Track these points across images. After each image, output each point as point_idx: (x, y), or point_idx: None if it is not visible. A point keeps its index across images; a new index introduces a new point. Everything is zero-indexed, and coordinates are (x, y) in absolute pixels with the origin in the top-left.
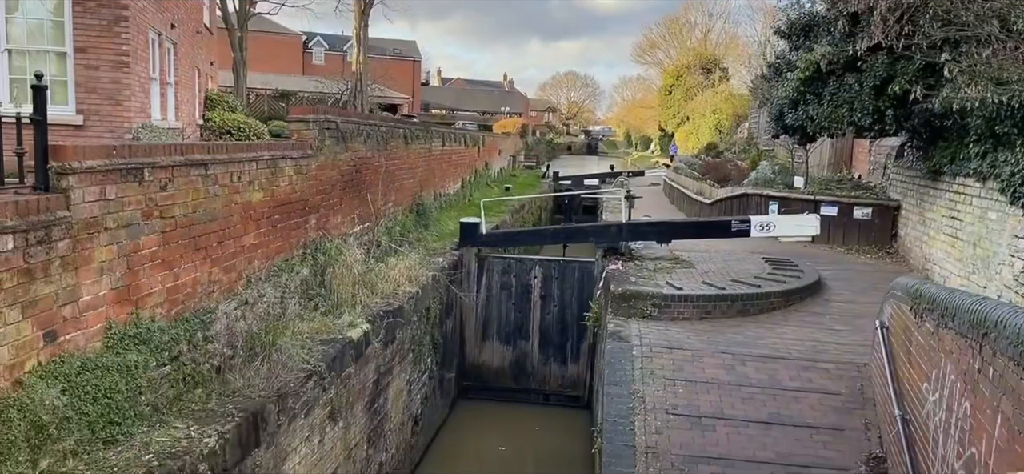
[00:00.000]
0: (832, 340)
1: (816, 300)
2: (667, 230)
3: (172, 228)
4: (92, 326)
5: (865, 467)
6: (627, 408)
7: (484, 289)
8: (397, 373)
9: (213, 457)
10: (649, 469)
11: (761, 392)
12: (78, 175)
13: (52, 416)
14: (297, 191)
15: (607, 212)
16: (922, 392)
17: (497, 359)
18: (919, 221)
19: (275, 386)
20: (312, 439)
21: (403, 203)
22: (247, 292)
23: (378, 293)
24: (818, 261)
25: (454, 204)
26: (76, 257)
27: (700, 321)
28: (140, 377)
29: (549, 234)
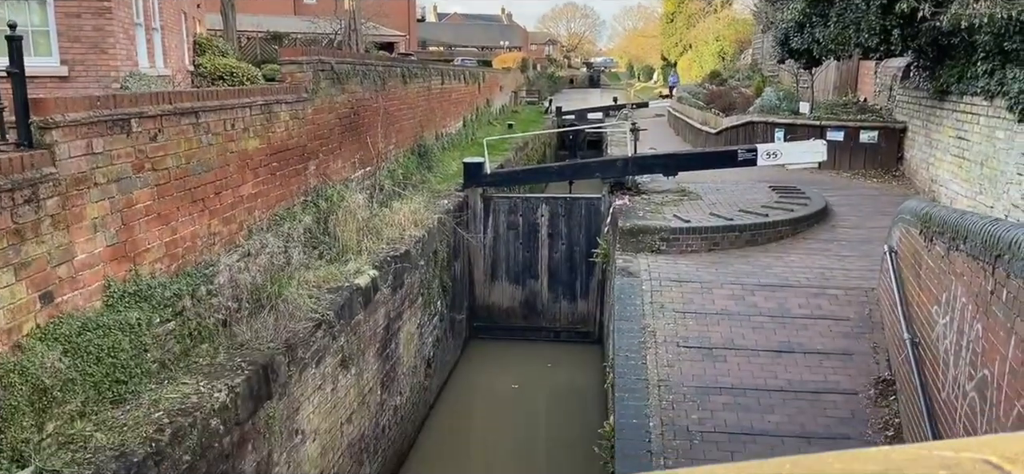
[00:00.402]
0: (840, 266)
1: (823, 227)
2: (673, 162)
3: (165, 180)
4: (90, 285)
5: (874, 390)
6: (638, 342)
7: (491, 230)
8: (407, 318)
9: (225, 411)
10: (662, 401)
11: (771, 321)
12: (62, 129)
13: (55, 379)
14: (294, 137)
15: (612, 146)
16: (932, 315)
17: (507, 299)
18: (925, 142)
19: (283, 337)
20: (325, 388)
21: (404, 145)
22: (249, 243)
23: (383, 238)
24: (825, 187)
25: (456, 144)
26: (67, 215)
27: (708, 253)
28: (144, 335)
29: (554, 171)
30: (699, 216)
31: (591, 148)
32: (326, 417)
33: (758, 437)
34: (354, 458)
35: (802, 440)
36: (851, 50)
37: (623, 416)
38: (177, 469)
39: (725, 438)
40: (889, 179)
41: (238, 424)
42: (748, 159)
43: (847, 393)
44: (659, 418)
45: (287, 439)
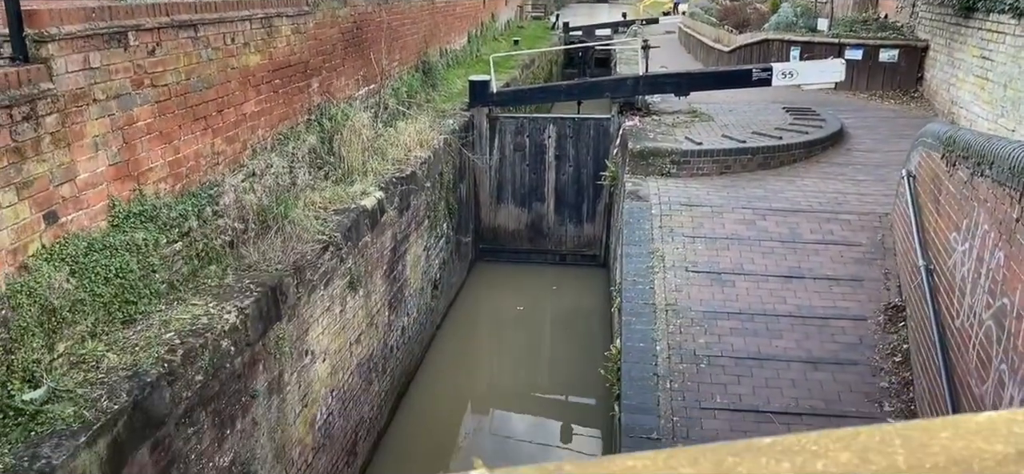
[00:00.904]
0: (854, 191)
1: (838, 150)
2: (685, 82)
3: (166, 97)
4: (94, 205)
5: (883, 316)
6: (646, 267)
7: (497, 151)
8: (414, 240)
9: (235, 333)
10: (669, 325)
11: (781, 246)
12: (58, 42)
13: (63, 299)
14: (296, 52)
15: (621, 64)
16: (950, 242)
17: (512, 222)
18: (947, 62)
19: (291, 259)
20: (333, 309)
21: (408, 62)
22: (253, 163)
23: (389, 159)
24: (841, 109)
25: (461, 61)
26: (67, 132)
27: (720, 176)
28: (151, 255)
29: (562, 90)
30: (711, 138)
31: (599, 66)
32: (335, 337)
33: (765, 361)
34: (363, 377)
35: (808, 365)
36: None
37: (630, 339)
38: (190, 389)
39: (732, 362)
40: (907, 101)
41: (249, 345)
42: (763, 79)
43: (856, 319)
44: (666, 342)
45: (297, 359)
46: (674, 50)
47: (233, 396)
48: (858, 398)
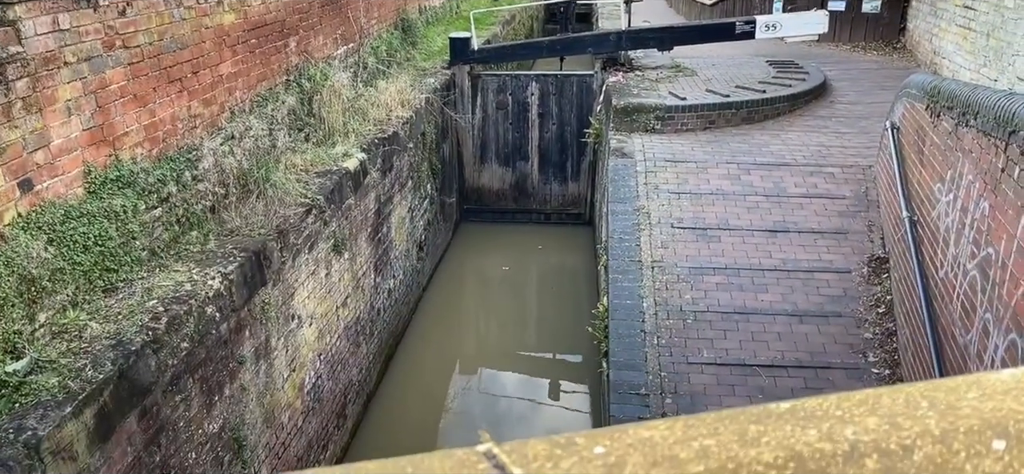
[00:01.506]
0: (838, 144)
1: (821, 103)
2: (668, 36)
3: (139, 59)
4: (69, 171)
5: (867, 268)
6: (632, 224)
7: (479, 109)
8: (398, 201)
9: (219, 299)
10: (655, 282)
11: (766, 200)
12: (25, 4)
13: (42, 268)
14: (272, 11)
15: (603, 19)
16: (934, 193)
17: (497, 181)
18: (930, 12)
19: (274, 223)
20: (318, 273)
21: (387, 19)
22: (232, 126)
23: (370, 120)
24: (824, 61)
25: (441, 18)
26: (38, 97)
27: (704, 131)
28: (131, 222)
29: (545, 46)
30: (695, 93)
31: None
32: (321, 302)
33: (751, 316)
34: (351, 340)
35: (794, 318)
36: None
37: (617, 296)
38: (176, 356)
39: (718, 317)
40: (890, 52)
41: (234, 311)
42: (746, 32)
43: (840, 272)
44: (652, 298)
45: (284, 324)
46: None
47: (220, 362)
48: (842, 349)
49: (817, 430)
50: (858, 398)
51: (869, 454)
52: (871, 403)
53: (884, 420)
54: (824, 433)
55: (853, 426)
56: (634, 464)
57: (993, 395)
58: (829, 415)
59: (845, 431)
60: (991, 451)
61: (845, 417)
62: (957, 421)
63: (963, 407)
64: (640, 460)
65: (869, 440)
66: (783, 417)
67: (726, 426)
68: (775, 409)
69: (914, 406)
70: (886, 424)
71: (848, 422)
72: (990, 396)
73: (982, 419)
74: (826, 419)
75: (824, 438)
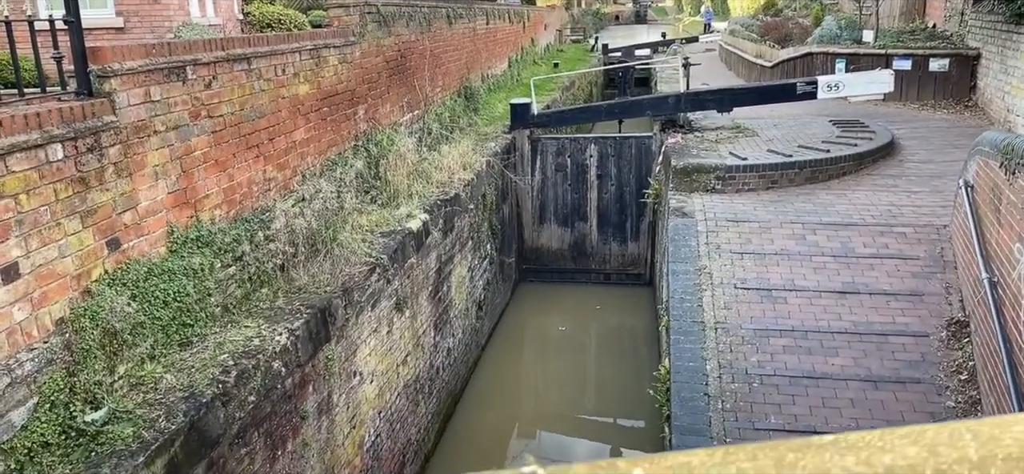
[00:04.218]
0: (909, 203)
1: (890, 162)
2: (728, 97)
3: (221, 127)
4: (154, 231)
5: (946, 332)
6: (693, 284)
7: (539, 172)
8: (458, 261)
9: (286, 354)
10: (719, 344)
11: (834, 261)
12: (120, 77)
13: (124, 323)
14: (343, 81)
15: (662, 83)
16: (1013, 253)
17: (556, 241)
18: (1001, 70)
19: (339, 281)
20: (380, 330)
21: (450, 87)
22: (303, 188)
23: (433, 182)
24: (891, 120)
25: (502, 85)
26: (129, 163)
27: (766, 191)
28: (207, 279)
29: (603, 110)
30: (756, 153)
31: (639, 85)
32: (382, 359)
33: (821, 380)
34: (410, 398)
35: (868, 383)
36: None
37: (679, 358)
38: (243, 409)
39: (785, 381)
40: (961, 110)
41: (299, 366)
42: (808, 92)
43: (917, 335)
44: (716, 360)
45: (346, 380)
46: (715, 67)
47: (284, 416)
48: (923, 418)
49: (855, 457)
50: (902, 432)
51: None
52: (914, 436)
53: (924, 449)
54: (862, 460)
55: (892, 454)
56: None
57: None
58: (870, 446)
59: (883, 458)
60: None
61: (885, 447)
62: (997, 450)
63: (1006, 438)
64: None
65: (905, 465)
66: (824, 447)
67: (765, 454)
68: (816, 441)
69: (957, 437)
70: (925, 452)
71: (887, 451)
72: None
73: (1023, 448)
74: (866, 449)
75: (861, 464)
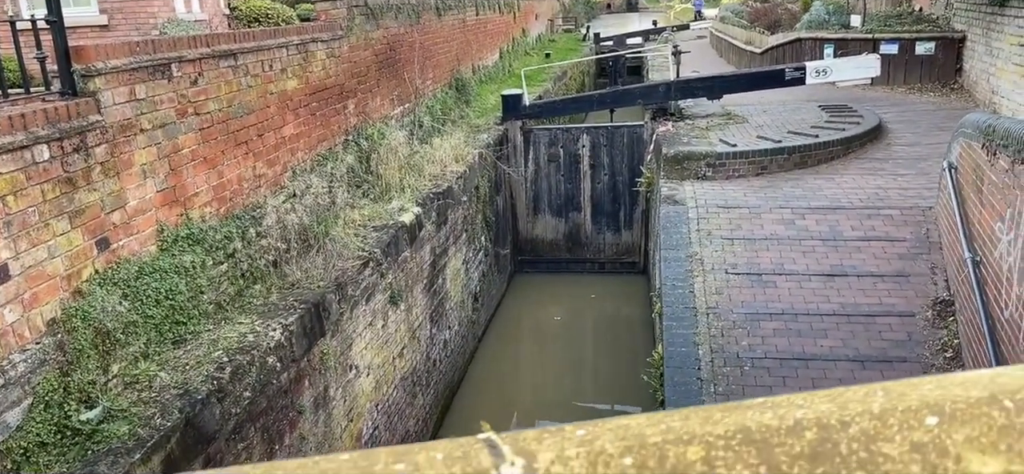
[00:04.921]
0: (895, 185)
1: (877, 145)
2: (717, 85)
3: (209, 124)
4: (144, 230)
5: (931, 311)
6: (685, 270)
7: (532, 163)
8: (453, 253)
9: (280, 349)
10: (711, 328)
11: (822, 245)
12: (105, 76)
13: (116, 322)
14: (331, 76)
15: (653, 71)
16: (995, 232)
17: (550, 232)
18: (986, 52)
19: (333, 276)
20: (375, 324)
21: (441, 80)
22: (294, 184)
23: (425, 175)
24: (878, 104)
25: (494, 76)
26: (116, 162)
27: (756, 177)
28: (199, 277)
29: (595, 100)
30: (746, 139)
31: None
32: (378, 352)
33: (810, 362)
34: (407, 391)
35: (856, 363)
36: None
37: (672, 344)
38: (239, 405)
39: (776, 364)
40: (947, 92)
41: (294, 361)
42: (796, 78)
43: (903, 315)
44: (708, 345)
45: (342, 374)
46: (706, 54)
47: (280, 411)
48: None
49: (773, 414)
50: (825, 393)
51: (810, 427)
52: (834, 396)
53: (835, 405)
54: (778, 415)
55: (806, 410)
56: (605, 439)
57: (946, 386)
58: (791, 404)
59: (796, 412)
60: (923, 425)
61: (803, 405)
62: (899, 403)
63: (912, 394)
64: (611, 437)
65: (813, 417)
66: (750, 407)
67: (697, 414)
68: (746, 403)
69: (870, 395)
70: (835, 407)
71: (803, 407)
72: (942, 386)
73: (922, 401)
74: (786, 407)
75: (775, 418)
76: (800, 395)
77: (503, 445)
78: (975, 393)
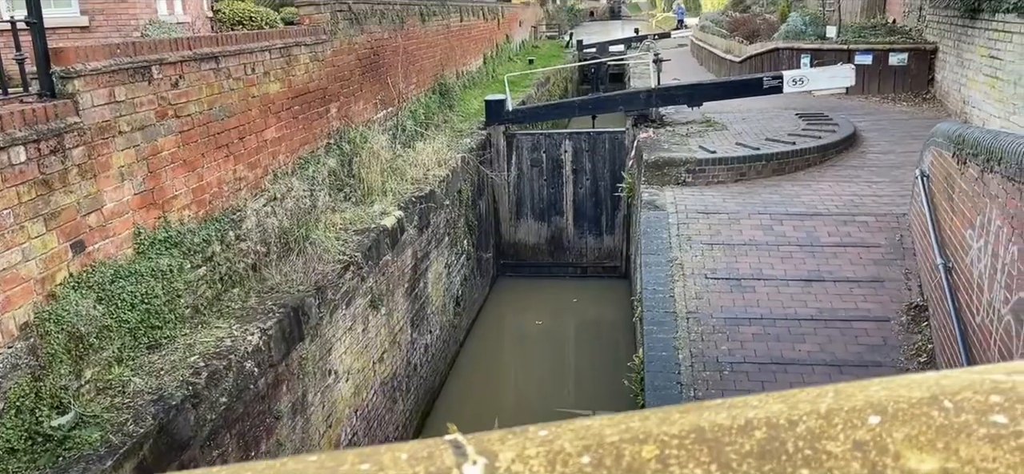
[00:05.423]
0: (870, 192)
1: (852, 153)
2: (697, 93)
3: (189, 127)
4: (120, 233)
5: (906, 316)
6: (666, 275)
7: (515, 167)
8: (434, 257)
9: (258, 354)
10: (691, 333)
11: (800, 250)
12: (84, 78)
13: (90, 326)
14: (314, 79)
15: (635, 78)
16: (966, 239)
17: (532, 236)
18: (957, 63)
19: (313, 279)
20: (355, 328)
21: (425, 84)
22: (275, 187)
23: (408, 179)
24: (853, 113)
25: (477, 82)
26: (93, 164)
27: (735, 183)
28: (176, 280)
29: (577, 106)
30: (725, 146)
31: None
32: (358, 357)
33: (789, 366)
34: (387, 396)
35: (833, 368)
36: None
37: (652, 348)
38: (214, 410)
39: (755, 368)
40: (919, 102)
41: (272, 366)
42: (774, 86)
43: (879, 320)
44: (688, 350)
45: (321, 379)
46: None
47: (257, 417)
48: None
49: (727, 414)
50: (778, 395)
51: (760, 427)
52: (786, 397)
53: (786, 405)
54: (731, 415)
55: (758, 409)
56: (565, 439)
57: (893, 387)
58: (746, 405)
59: (748, 413)
60: (866, 424)
61: (758, 406)
62: (845, 402)
63: (859, 395)
64: (571, 437)
65: (764, 417)
66: (708, 408)
67: (656, 415)
68: (706, 404)
69: (821, 396)
70: (786, 407)
71: (756, 407)
72: (889, 387)
73: (867, 401)
74: (741, 407)
75: (729, 418)
76: (755, 396)
77: (467, 445)
78: (918, 394)
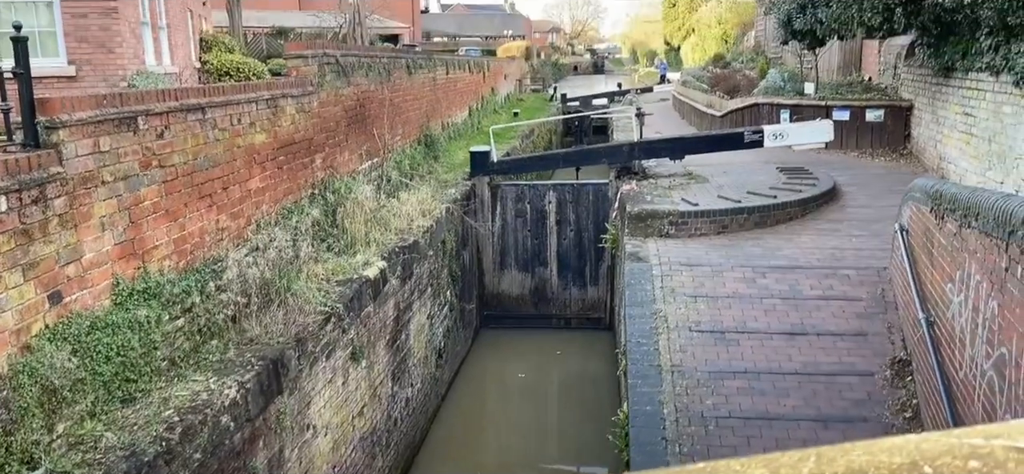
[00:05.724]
0: (851, 246)
1: (832, 207)
2: (680, 146)
3: (173, 177)
4: (98, 284)
5: (890, 371)
6: (650, 328)
7: (499, 218)
8: (417, 308)
9: (235, 408)
10: (675, 387)
11: (783, 303)
12: (69, 128)
13: (64, 379)
14: (300, 130)
15: (618, 131)
16: (946, 293)
17: (516, 287)
18: (932, 120)
19: (293, 331)
20: (335, 381)
21: (410, 135)
22: (257, 237)
23: (392, 229)
24: (833, 167)
25: (463, 133)
26: (75, 214)
27: (718, 235)
28: (153, 332)
29: (561, 158)
30: (707, 199)
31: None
32: (337, 411)
33: (774, 421)
34: (366, 451)
35: (818, 423)
36: (854, 29)
37: (637, 403)
38: (188, 468)
39: (740, 423)
40: (897, 157)
41: (249, 420)
42: (755, 141)
43: (863, 374)
44: (673, 404)
45: (298, 434)
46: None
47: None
48: None
49: None
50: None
51: None
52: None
53: (768, 469)
54: None
55: None
56: None
57: (874, 451)
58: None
59: None
60: None
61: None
62: (826, 468)
63: (840, 460)
64: None
65: None
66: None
67: None
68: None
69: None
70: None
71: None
72: (870, 452)
73: (848, 467)
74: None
75: None
76: (738, 460)
77: None
78: (898, 460)
